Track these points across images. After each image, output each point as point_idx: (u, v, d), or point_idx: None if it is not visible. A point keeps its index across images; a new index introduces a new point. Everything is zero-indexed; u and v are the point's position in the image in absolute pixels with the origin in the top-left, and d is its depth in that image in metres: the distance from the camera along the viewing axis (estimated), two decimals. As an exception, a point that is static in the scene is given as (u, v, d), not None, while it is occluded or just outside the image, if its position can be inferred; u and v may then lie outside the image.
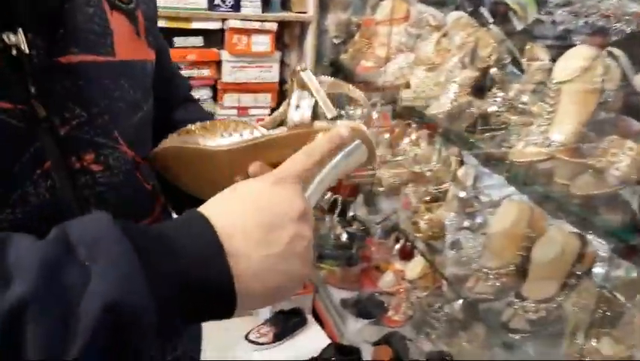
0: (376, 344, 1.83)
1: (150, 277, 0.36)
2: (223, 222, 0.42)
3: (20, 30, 0.49)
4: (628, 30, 0.97)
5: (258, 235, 0.42)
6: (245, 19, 2.03)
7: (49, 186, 0.51)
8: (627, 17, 0.98)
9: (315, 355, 1.86)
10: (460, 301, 1.51)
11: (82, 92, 0.54)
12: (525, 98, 1.09)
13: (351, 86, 0.61)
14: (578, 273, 1.06)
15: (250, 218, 0.43)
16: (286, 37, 2.25)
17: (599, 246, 1.10)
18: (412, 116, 1.76)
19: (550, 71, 1.16)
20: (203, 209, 0.44)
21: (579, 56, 0.97)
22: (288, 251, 0.43)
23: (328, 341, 2.00)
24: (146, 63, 0.66)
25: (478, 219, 1.36)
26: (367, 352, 1.85)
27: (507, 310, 1.13)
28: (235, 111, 2.17)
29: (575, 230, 1.14)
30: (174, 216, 0.75)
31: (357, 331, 1.98)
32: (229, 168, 0.59)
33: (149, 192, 0.65)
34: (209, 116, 0.81)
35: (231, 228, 0.41)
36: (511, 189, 1.36)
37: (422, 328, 1.68)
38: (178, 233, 0.41)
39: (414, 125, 1.73)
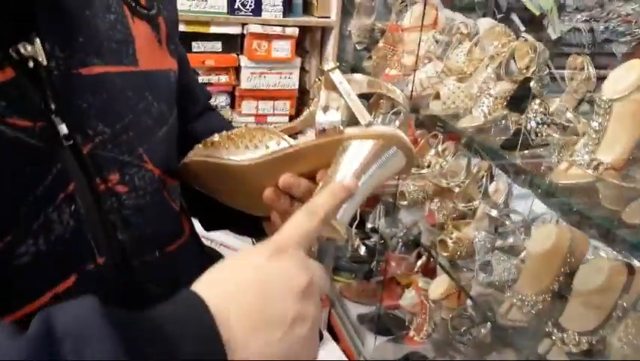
0: (396, 363, 1.75)
1: None
2: (219, 304, 0.37)
3: (37, 40, 0.44)
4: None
5: (256, 320, 0.38)
6: (265, 23, 1.97)
7: (73, 212, 0.46)
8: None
9: (332, 373, 1.79)
10: (488, 324, 1.43)
11: (105, 106, 0.50)
12: (569, 114, 1.01)
13: (389, 85, 0.55)
14: (624, 304, 0.98)
15: (247, 300, 0.38)
16: (307, 42, 2.18)
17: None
18: (435, 125, 1.68)
19: (593, 83, 1.09)
20: (198, 288, 0.39)
21: (633, 69, 0.89)
22: (288, 336, 0.38)
23: (344, 359, 1.92)
24: (169, 73, 0.61)
25: (510, 240, 1.28)
26: (386, 372, 1.77)
27: (545, 341, 1.05)
28: (253, 118, 2.11)
29: (620, 256, 1.06)
30: (199, 230, 0.70)
31: (375, 348, 1.90)
32: (258, 180, 0.56)
33: (176, 213, 0.61)
34: (230, 125, 0.76)
35: (227, 311, 0.37)
36: (541, 205, 1.28)
37: (445, 349, 1.60)
38: (170, 321, 0.36)
39: (440, 137, 1.66)
